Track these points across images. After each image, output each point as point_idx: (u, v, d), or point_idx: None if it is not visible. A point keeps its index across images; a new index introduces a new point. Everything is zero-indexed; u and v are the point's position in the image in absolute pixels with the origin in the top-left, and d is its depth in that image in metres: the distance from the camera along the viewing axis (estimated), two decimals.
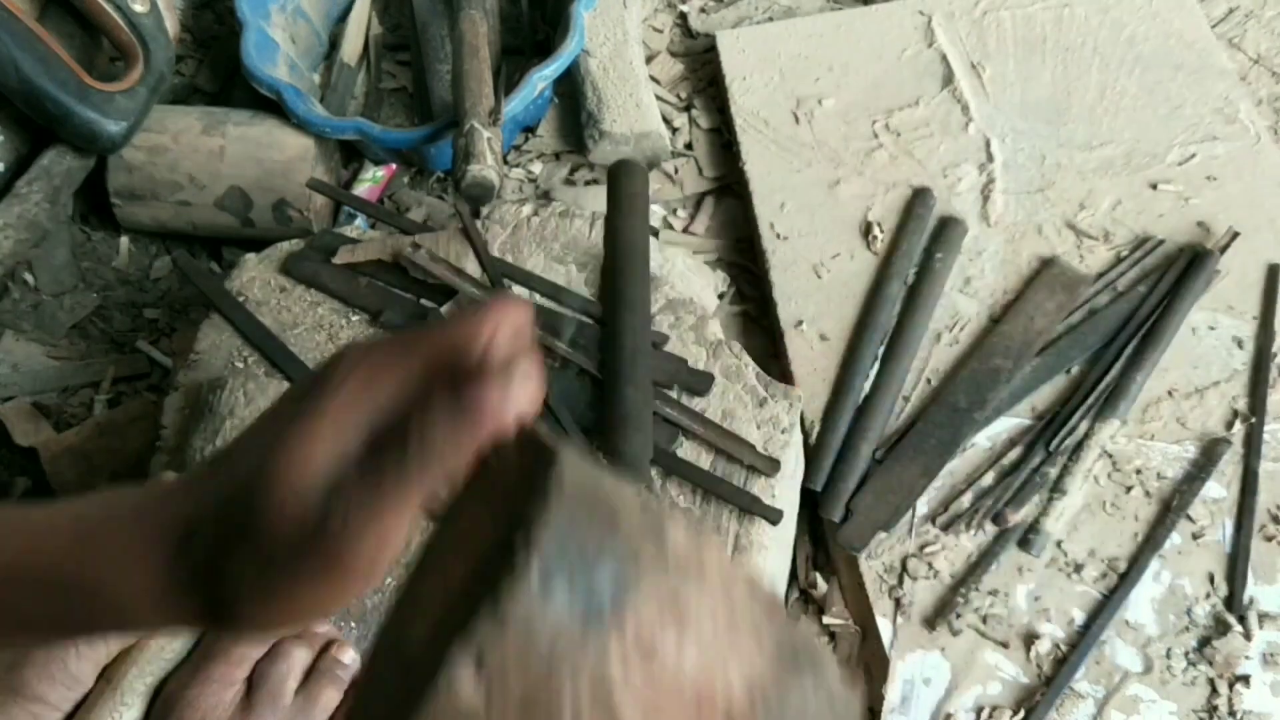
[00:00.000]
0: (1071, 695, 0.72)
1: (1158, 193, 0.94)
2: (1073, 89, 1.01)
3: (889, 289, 0.89)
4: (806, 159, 0.98)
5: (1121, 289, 0.89)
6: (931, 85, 1.02)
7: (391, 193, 1.03)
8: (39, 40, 0.88)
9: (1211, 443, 0.81)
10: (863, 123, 1.00)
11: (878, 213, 0.94)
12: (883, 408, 0.83)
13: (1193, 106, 0.99)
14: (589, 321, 0.79)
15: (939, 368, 0.86)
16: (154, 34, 0.97)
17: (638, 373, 0.74)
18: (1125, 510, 0.78)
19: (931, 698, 0.72)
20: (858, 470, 0.80)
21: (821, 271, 0.91)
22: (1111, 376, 0.83)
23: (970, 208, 0.94)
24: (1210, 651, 0.72)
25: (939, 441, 0.81)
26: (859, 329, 0.87)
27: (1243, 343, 0.86)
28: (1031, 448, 0.81)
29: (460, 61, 0.95)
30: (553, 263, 0.82)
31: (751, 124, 1.01)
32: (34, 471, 0.85)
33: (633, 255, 0.80)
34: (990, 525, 0.78)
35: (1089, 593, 0.75)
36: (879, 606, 0.76)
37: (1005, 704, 0.72)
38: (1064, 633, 0.74)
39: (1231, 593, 0.75)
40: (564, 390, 0.75)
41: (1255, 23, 1.10)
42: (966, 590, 0.75)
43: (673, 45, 1.13)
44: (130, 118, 0.93)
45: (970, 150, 0.98)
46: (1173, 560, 0.76)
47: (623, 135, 1.00)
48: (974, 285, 0.90)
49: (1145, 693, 0.72)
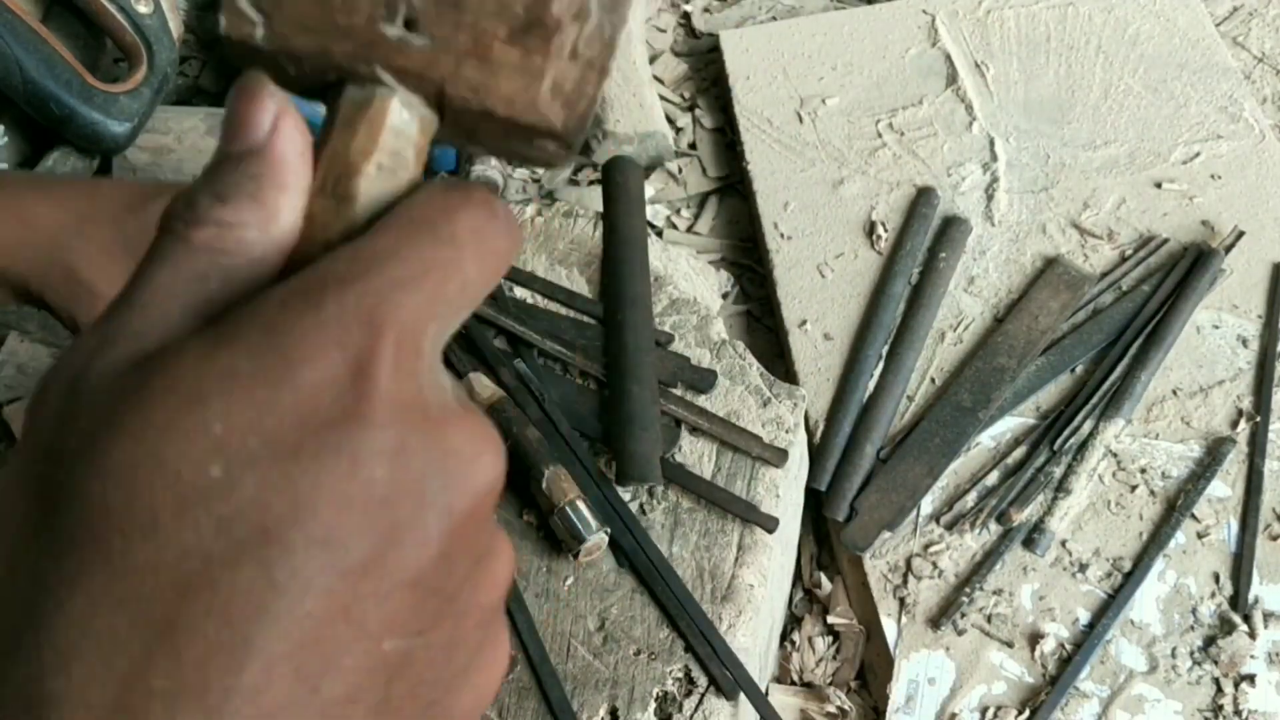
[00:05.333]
0: (1076, 695, 0.71)
1: (1162, 191, 0.94)
2: (1077, 88, 1.01)
3: (893, 288, 0.88)
4: (810, 158, 0.98)
5: (1126, 288, 0.89)
6: (935, 84, 1.02)
7: None
8: (43, 41, 0.88)
9: (1216, 442, 0.81)
10: (866, 122, 1.00)
11: (881, 212, 0.94)
12: (887, 407, 0.83)
13: (1197, 105, 0.99)
14: (591, 322, 0.79)
15: (943, 367, 0.86)
16: (158, 35, 0.97)
17: (642, 370, 0.73)
18: (1130, 509, 0.78)
19: (936, 697, 0.72)
20: (862, 470, 0.80)
21: (825, 271, 0.91)
22: (1116, 376, 0.83)
23: (974, 207, 0.94)
24: (1215, 651, 0.72)
25: (943, 441, 0.81)
26: (863, 328, 0.87)
27: (1247, 341, 0.86)
28: (1036, 447, 0.81)
29: None
30: (555, 263, 0.82)
31: (755, 123, 1.01)
32: None
33: (632, 252, 0.80)
34: (995, 524, 0.78)
35: (1094, 592, 0.75)
36: (883, 606, 0.75)
37: (1010, 704, 0.72)
38: (1069, 632, 0.74)
39: (1236, 592, 0.74)
40: (566, 393, 0.75)
41: (1259, 21, 1.10)
42: (971, 590, 0.75)
43: (676, 45, 1.13)
44: (134, 119, 0.93)
45: (974, 149, 0.98)
46: (1178, 559, 0.76)
47: (626, 135, 1.00)
48: (978, 284, 0.90)
49: (1150, 692, 0.71)
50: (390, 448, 0.25)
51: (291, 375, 0.24)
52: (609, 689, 0.63)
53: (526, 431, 0.69)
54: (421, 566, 0.25)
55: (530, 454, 0.68)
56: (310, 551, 0.24)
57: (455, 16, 0.29)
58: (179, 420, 0.24)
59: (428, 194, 0.29)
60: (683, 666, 0.64)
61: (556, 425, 0.72)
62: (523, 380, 0.74)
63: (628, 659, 0.64)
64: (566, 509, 0.65)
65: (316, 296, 0.25)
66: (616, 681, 0.63)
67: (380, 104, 0.30)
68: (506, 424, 0.70)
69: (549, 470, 0.67)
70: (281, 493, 0.24)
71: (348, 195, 0.29)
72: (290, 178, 0.28)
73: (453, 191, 0.29)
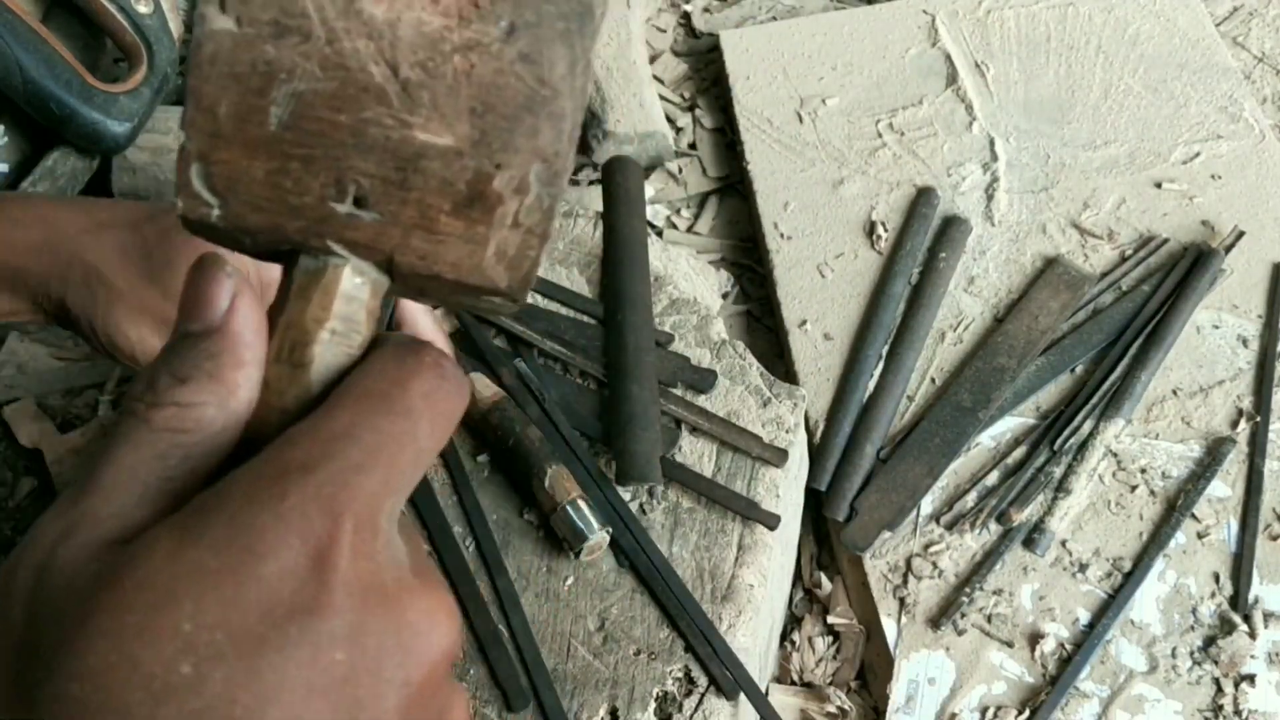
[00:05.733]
0: (1076, 695, 0.71)
1: (1162, 191, 0.94)
2: (1077, 88, 1.01)
3: (893, 288, 0.89)
4: (810, 158, 0.98)
5: (1126, 288, 0.89)
6: (935, 84, 1.02)
7: None
8: (43, 41, 0.88)
9: (1216, 442, 0.81)
10: (866, 122, 1.00)
11: (881, 212, 0.94)
12: (887, 407, 0.83)
13: (1197, 105, 0.99)
14: (591, 322, 0.79)
15: (943, 367, 0.86)
16: (158, 35, 0.97)
17: (642, 370, 0.74)
18: (1130, 509, 0.78)
19: (936, 697, 0.72)
20: (862, 470, 0.80)
21: (825, 271, 0.91)
22: (1116, 375, 0.83)
23: (974, 207, 0.94)
24: (1215, 651, 0.72)
25: (943, 441, 0.81)
26: (863, 328, 0.87)
27: (1247, 341, 0.86)
28: (1036, 447, 0.81)
29: None
30: (555, 263, 0.82)
31: (755, 123, 1.01)
32: (39, 472, 0.85)
33: (631, 252, 0.80)
34: (995, 524, 0.78)
35: (1094, 592, 0.75)
36: (883, 606, 0.75)
37: (1010, 704, 0.72)
38: (1069, 632, 0.74)
39: (1236, 592, 0.74)
40: (566, 393, 0.75)
41: (1259, 21, 1.10)
42: (971, 590, 0.75)
43: (676, 45, 1.13)
44: (134, 119, 0.93)
45: (974, 149, 0.98)
46: (1178, 559, 0.76)
47: (626, 135, 1.00)
48: (978, 284, 0.90)
49: (1150, 692, 0.71)
50: (349, 631, 0.26)
51: (255, 569, 0.26)
52: (609, 689, 0.63)
53: (528, 431, 0.69)
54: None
55: (532, 453, 0.68)
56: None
57: (402, 194, 0.30)
58: (151, 621, 0.25)
59: (381, 364, 0.30)
60: (683, 666, 0.64)
61: (557, 425, 0.72)
62: (523, 380, 0.74)
63: (628, 659, 0.64)
64: (568, 508, 0.65)
65: (279, 487, 0.26)
66: (616, 681, 0.63)
67: (333, 273, 0.31)
68: (508, 424, 0.70)
69: (551, 469, 0.67)
70: (247, 686, 0.25)
71: (303, 362, 0.30)
72: (247, 354, 0.29)
73: (406, 358, 0.30)
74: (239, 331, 0.29)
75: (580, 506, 0.66)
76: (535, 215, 0.31)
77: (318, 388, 0.30)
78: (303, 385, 0.30)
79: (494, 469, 0.71)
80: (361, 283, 0.31)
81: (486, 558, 0.67)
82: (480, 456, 0.72)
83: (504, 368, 0.74)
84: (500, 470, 0.71)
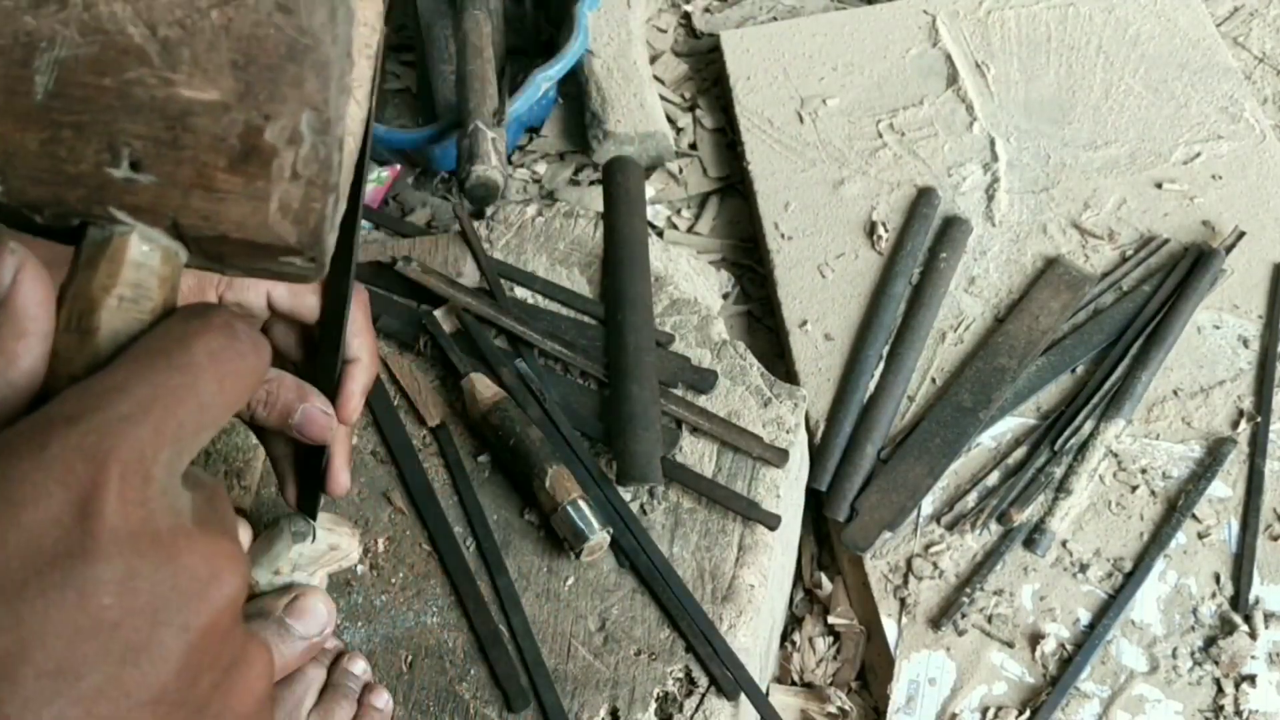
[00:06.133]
0: (1077, 695, 0.71)
1: (1162, 192, 0.94)
2: (1077, 88, 1.01)
3: (894, 288, 0.89)
4: (811, 159, 0.98)
5: (1126, 288, 0.89)
6: (936, 85, 1.02)
7: (396, 193, 1.03)
8: None
9: (1217, 442, 0.81)
10: (867, 122, 1.00)
11: (882, 212, 0.94)
12: (887, 407, 0.83)
13: (1197, 105, 0.99)
14: (592, 322, 0.79)
15: (944, 367, 0.86)
16: None
17: (642, 370, 0.74)
18: (1130, 510, 0.78)
19: (936, 697, 0.72)
20: (862, 470, 0.80)
21: (826, 271, 0.91)
22: (1116, 376, 0.83)
23: (975, 207, 0.94)
24: (1216, 651, 0.72)
25: (944, 441, 0.81)
26: (863, 328, 0.87)
27: (1248, 342, 0.86)
28: (1036, 447, 0.81)
29: (464, 62, 0.95)
30: (556, 263, 0.82)
31: (756, 124, 1.01)
32: None
33: (632, 252, 0.80)
34: (995, 525, 0.78)
35: (1094, 592, 0.75)
36: (884, 606, 0.75)
37: (1010, 704, 0.72)
38: (1069, 632, 0.74)
39: (1237, 592, 0.74)
40: (567, 393, 0.75)
41: (1260, 21, 1.10)
42: (971, 590, 0.75)
43: (677, 45, 1.13)
44: None
45: (975, 150, 0.98)
46: (1178, 560, 0.76)
47: (627, 135, 1.00)
48: (979, 285, 0.90)
49: (1151, 692, 0.71)
50: (118, 575, 0.26)
51: (15, 517, 0.26)
52: (609, 689, 0.63)
53: (528, 431, 0.69)
54: (162, 683, 0.27)
55: (532, 453, 0.68)
56: (40, 683, 0.25)
57: (175, 153, 0.31)
58: None
59: (166, 324, 0.31)
60: (683, 667, 0.64)
61: (557, 425, 0.72)
62: (523, 380, 0.74)
63: (628, 659, 0.64)
64: (569, 508, 0.65)
65: (41, 437, 0.27)
66: (617, 682, 0.63)
67: (120, 241, 0.31)
68: (508, 424, 0.70)
69: (552, 469, 0.67)
70: (8, 630, 0.25)
71: (90, 329, 0.31)
72: (30, 325, 0.30)
73: (192, 319, 0.31)
74: (21, 303, 0.30)
75: (581, 507, 0.66)
76: (314, 166, 0.31)
77: (107, 354, 0.31)
78: (91, 352, 0.31)
79: (494, 469, 0.71)
80: (150, 250, 0.32)
81: (487, 558, 0.67)
82: (481, 457, 0.72)
83: (504, 368, 0.74)
84: (501, 470, 0.71)
